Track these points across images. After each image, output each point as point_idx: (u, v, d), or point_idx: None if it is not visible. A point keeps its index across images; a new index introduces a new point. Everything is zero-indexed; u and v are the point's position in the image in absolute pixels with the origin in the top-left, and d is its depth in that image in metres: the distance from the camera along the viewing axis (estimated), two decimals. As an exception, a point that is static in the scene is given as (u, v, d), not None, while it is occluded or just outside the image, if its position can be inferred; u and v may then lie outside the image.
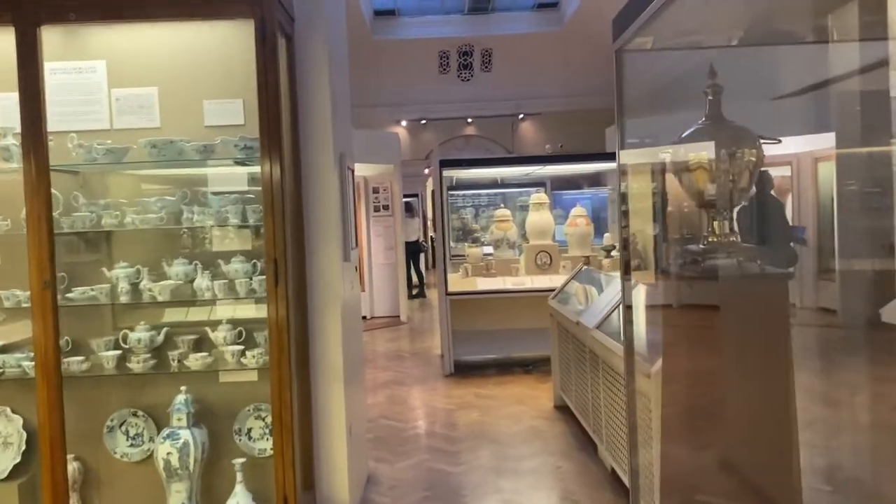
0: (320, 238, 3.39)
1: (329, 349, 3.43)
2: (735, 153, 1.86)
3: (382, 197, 10.76)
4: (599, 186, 13.94)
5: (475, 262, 7.05)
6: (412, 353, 8.10)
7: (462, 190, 13.96)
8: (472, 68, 20.30)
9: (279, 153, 2.98)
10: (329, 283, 3.41)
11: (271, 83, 2.96)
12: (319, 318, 3.40)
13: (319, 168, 3.38)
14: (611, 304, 4.04)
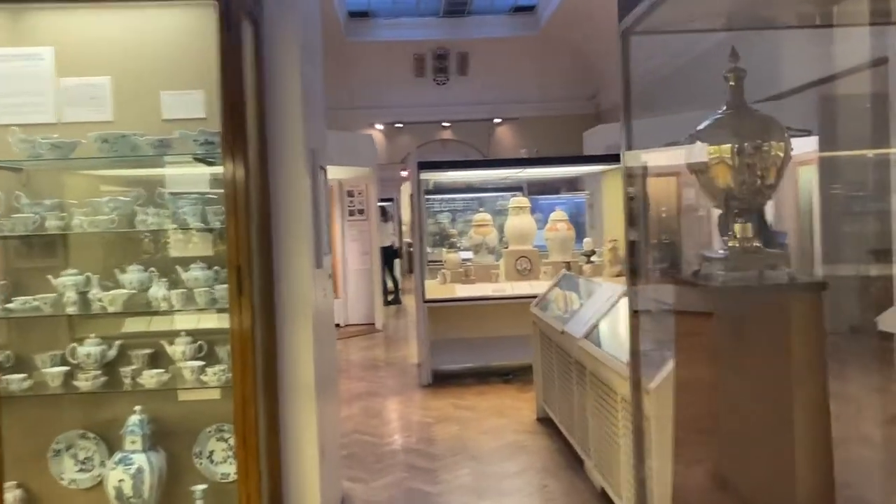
0: (290, 243, 3.12)
1: (299, 364, 3.15)
2: (761, 146, 1.64)
3: (357, 201, 10.48)
4: (576, 191, 13.82)
5: (454, 267, 6.80)
6: (388, 363, 7.82)
7: (438, 194, 13.73)
8: (447, 72, 20.10)
9: (243, 149, 2.71)
10: (299, 292, 3.14)
11: (235, 71, 2.69)
12: (289, 331, 3.13)
13: (289, 166, 3.11)
14: (598, 313, 3.82)
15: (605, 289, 4.03)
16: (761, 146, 1.66)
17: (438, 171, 6.66)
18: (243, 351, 2.72)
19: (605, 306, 3.80)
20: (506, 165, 6.95)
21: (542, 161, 7.33)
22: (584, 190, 10.87)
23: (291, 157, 3.13)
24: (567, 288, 5.13)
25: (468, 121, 20.14)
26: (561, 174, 10.08)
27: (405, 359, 7.98)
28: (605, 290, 4.02)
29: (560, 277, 5.27)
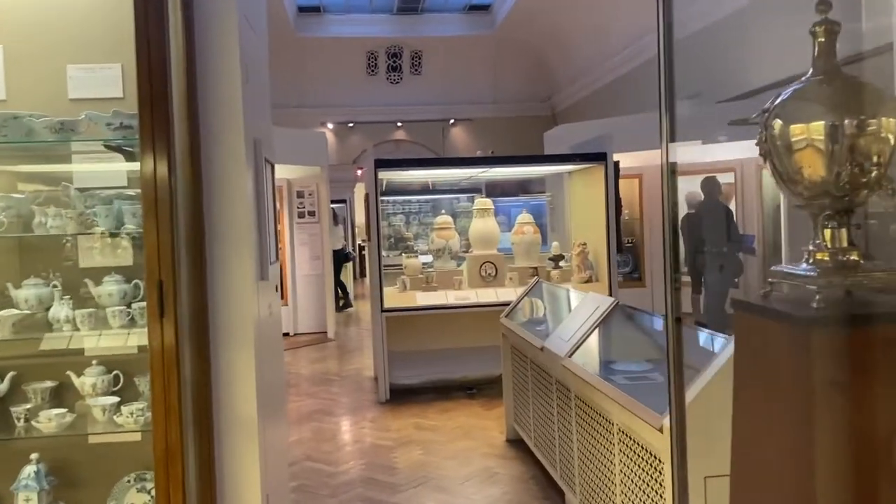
0: (227, 252, 2.58)
1: (238, 396, 2.62)
2: (866, 123, 1.21)
3: (308, 202, 9.89)
4: (536, 193, 13.47)
5: (414, 273, 6.31)
6: (341, 376, 7.28)
7: (392, 195, 13.20)
8: (401, 70, 19.59)
9: (166, 137, 2.18)
10: (239, 310, 2.61)
11: (156, 39, 2.16)
12: (226, 358, 2.59)
13: (226, 158, 2.58)
14: (585, 328, 3.38)
15: (590, 300, 3.60)
16: (866, 124, 1.22)
17: (397, 170, 6.17)
18: (167, 385, 2.19)
19: (591, 320, 3.36)
20: (469, 164, 6.49)
21: (510, 160, 6.90)
22: (544, 192, 10.51)
23: (229, 147, 2.60)
24: (542, 297, 4.70)
25: (422, 121, 19.67)
26: (522, 175, 9.66)
27: (360, 371, 7.45)
28: (589, 302, 3.58)
29: (532, 285, 4.84)
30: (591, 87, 16.41)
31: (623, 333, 3.45)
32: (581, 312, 3.56)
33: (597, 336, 3.30)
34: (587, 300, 3.63)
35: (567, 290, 4.44)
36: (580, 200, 6.84)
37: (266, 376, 2.86)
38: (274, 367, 3.20)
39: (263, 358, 2.82)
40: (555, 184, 9.57)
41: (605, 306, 3.34)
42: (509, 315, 4.76)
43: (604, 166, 6.11)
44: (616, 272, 6.19)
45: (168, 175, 2.16)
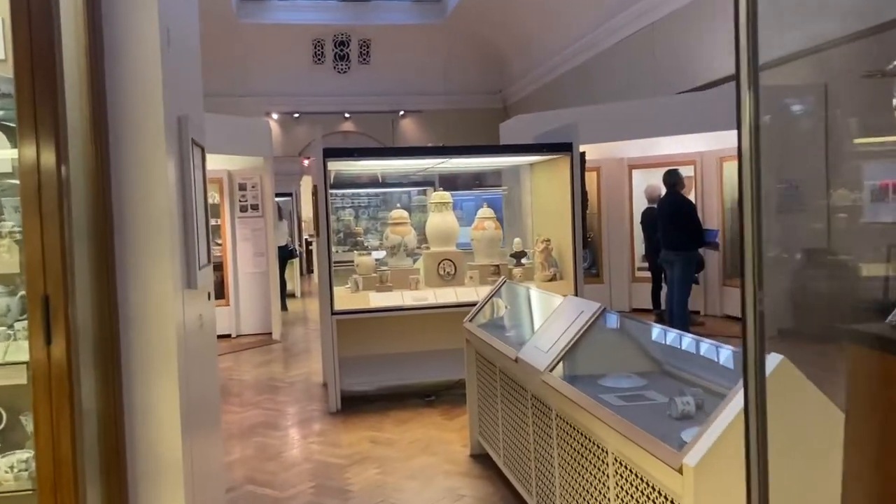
0: (142, 256, 2.09)
1: (159, 434, 2.13)
2: None
3: (251, 195, 9.28)
4: (490, 187, 13.09)
5: (366, 272, 5.84)
6: (288, 382, 6.76)
7: (340, 189, 12.66)
8: (349, 59, 18.98)
9: (52, 110, 1.67)
10: (157, 326, 2.12)
11: (38, -20, 1.65)
12: (142, 386, 2.10)
13: (140, 139, 2.08)
14: (567, 338, 2.98)
15: (571, 305, 3.20)
16: None
17: (348, 160, 5.68)
18: (55, 429, 1.69)
19: (574, 329, 2.96)
20: (426, 154, 6.02)
21: (470, 150, 6.45)
22: (499, 185, 10.14)
23: (145, 126, 2.10)
24: (510, 299, 4.29)
25: (371, 112, 19.10)
26: (478, 167, 9.25)
27: (308, 376, 6.94)
28: (570, 307, 3.19)
29: (499, 286, 4.43)
30: (545, 79, 16.13)
31: (609, 342, 3.07)
32: (561, 319, 3.16)
33: (580, 346, 2.91)
34: (568, 305, 3.24)
35: (539, 292, 4.04)
36: (543, 194, 6.47)
37: (196, 400, 2.38)
38: (205, 385, 2.71)
39: (192, 379, 2.34)
40: (511, 177, 9.21)
41: (591, 312, 2.95)
42: (474, 318, 4.34)
43: (569, 157, 5.75)
44: (582, 269, 5.84)
45: (56, 160, 1.66)
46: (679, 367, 2.94)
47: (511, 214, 8.05)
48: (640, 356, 3.06)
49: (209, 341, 2.86)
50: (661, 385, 2.77)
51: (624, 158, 9.76)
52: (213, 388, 3.01)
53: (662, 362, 3.03)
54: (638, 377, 2.86)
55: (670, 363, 3.01)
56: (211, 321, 2.85)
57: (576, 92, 13.67)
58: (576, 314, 3.07)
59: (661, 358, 3.04)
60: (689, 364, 2.94)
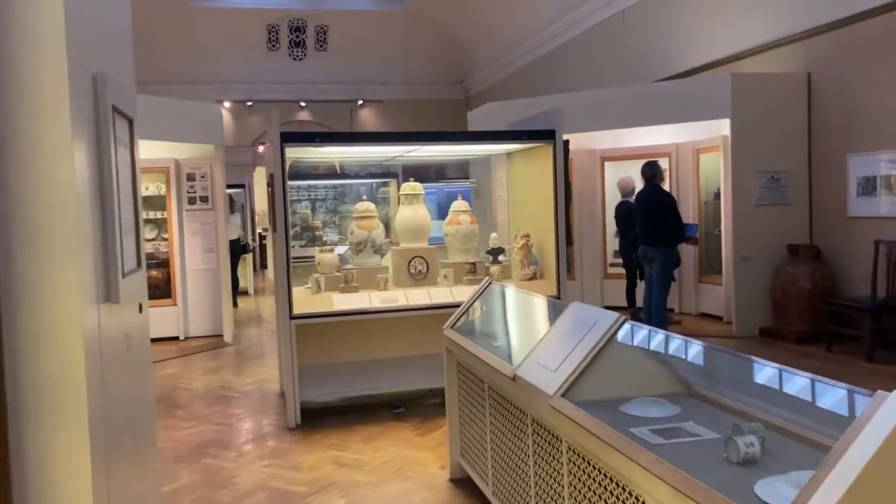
0: (34, 264, 1.52)
1: (60, 489, 1.57)
2: None
3: (200, 186, 8.60)
4: (456, 179, 12.57)
5: (329, 271, 5.28)
6: (242, 392, 6.15)
7: (297, 180, 11.97)
8: (305, 46, 18.22)
9: None
10: (58, 355, 1.55)
11: None
12: (36, 435, 1.54)
13: (30, 102, 1.51)
14: (579, 355, 2.49)
15: (581, 313, 2.71)
16: None
17: (308, 146, 5.09)
18: None
19: (588, 344, 2.48)
20: (396, 141, 5.45)
21: (445, 137, 5.87)
22: (467, 177, 9.66)
23: (39, 85, 1.53)
24: (498, 303, 3.79)
25: (328, 101, 18.40)
26: (447, 157, 8.73)
27: (264, 384, 6.35)
28: (579, 316, 2.69)
29: (484, 287, 3.91)
30: (509, 69, 15.66)
31: (626, 357, 2.60)
32: (569, 330, 2.67)
33: (596, 364, 2.42)
34: (576, 313, 2.74)
35: (533, 296, 3.54)
36: (520, 186, 5.99)
37: (119, 434, 1.82)
38: (135, 414, 2.14)
39: (116, 412, 1.78)
40: (481, 168, 8.71)
41: (607, 324, 2.46)
42: (455, 324, 3.83)
43: (552, 146, 5.27)
44: (565, 267, 5.38)
45: None
46: (713, 389, 2.48)
47: (481, 208, 7.56)
48: (664, 374, 2.60)
49: (140, 363, 2.29)
50: (698, 413, 2.31)
51: (596, 150, 9.36)
52: (146, 416, 2.44)
53: (691, 382, 2.57)
54: (667, 402, 2.39)
55: (700, 383, 2.55)
56: (142, 339, 2.28)
57: (543, 82, 13.23)
58: (587, 325, 2.58)
59: (689, 376, 2.58)
60: (724, 384, 2.49)
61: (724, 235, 8.05)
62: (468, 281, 5.35)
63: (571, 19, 12.01)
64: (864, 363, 6.16)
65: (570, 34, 12.24)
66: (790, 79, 7.47)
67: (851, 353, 6.45)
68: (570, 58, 12.34)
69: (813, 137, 7.47)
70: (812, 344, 6.88)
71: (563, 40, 12.57)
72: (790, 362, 6.09)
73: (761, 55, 7.82)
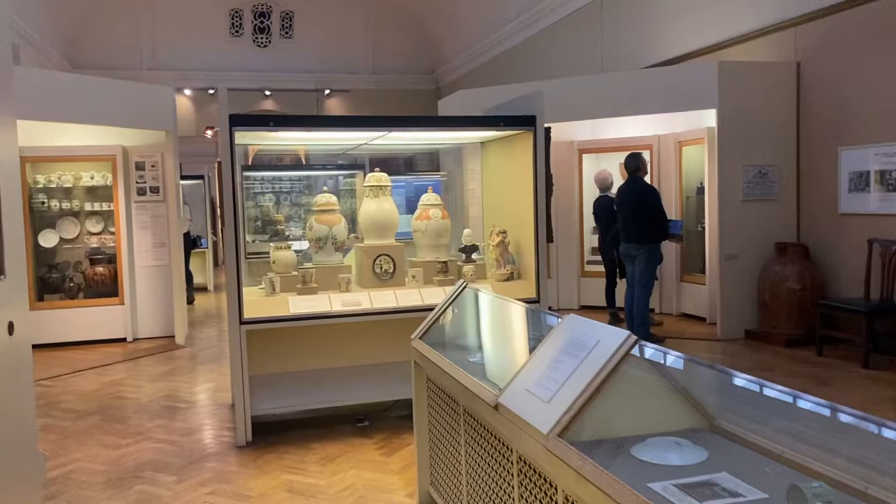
0: None
1: None
2: None
3: (150, 176, 7.98)
4: (424, 172, 12.05)
5: (285, 270, 4.75)
6: (190, 402, 5.59)
7: (259, 171, 11.32)
8: (269, 33, 17.54)
9: None
10: None
11: None
12: None
13: None
14: (580, 384, 2.02)
15: (575, 329, 2.23)
16: None
17: (260, 131, 4.53)
18: None
19: (590, 369, 2.00)
20: (361, 126, 4.87)
21: (417, 123, 5.34)
22: (436, 170, 9.17)
23: None
24: (475, 311, 3.31)
25: (294, 90, 17.74)
26: (415, 147, 8.24)
27: (216, 393, 5.80)
28: (575, 331, 2.22)
29: (458, 291, 3.42)
30: (481, 59, 15.17)
31: (631, 382, 2.13)
32: (565, 351, 2.19)
33: (612, 401, 1.95)
34: (570, 328, 2.27)
35: (516, 305, 3.06)
36: (496, 178, 5.52)
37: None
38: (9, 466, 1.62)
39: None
40: (453, 160, 8.22)
41: (616, 346, 1.99)
42: (425, 334, 3.33)
43: (532, 133, 4.80)
44: (545, 267, 4.92)
45: None
46: (739, 423, 2.03)
47: (452, 203, 7.08)
48: (677, 404, 2.14)
49: (19, 397, 1.77)
50: (729, 458, 1.85)
51: (574, 142, 8.92)
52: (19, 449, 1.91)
53: (712, 414, 2.11)
54: (689, 443, 1.93)
55: (723, 415, 2.10)
56: (24, 366, 1.75)
57: (516, 72, 12.76)
58: (587, 344, 2.11)
59: (708, 407, 2.13)
60: (752, 416, 2.04)
61: (707, 232, 7.68)
62: (439, 282, 4.87)
63: (547, 6, 11.56)
64: (858, 368, 5.82)
65: (546, 22, 11.79)
66: (779, 68, 7.10)
67: (844, 358, 6.11)
68: (545, 47, 11.90)
69: (802, 130, 7.12)
70: (801, 347, 6.54)
71: (538, 29, 12.12)
72: (780, 367, 5.68)
73: (748, 43, 7.44)
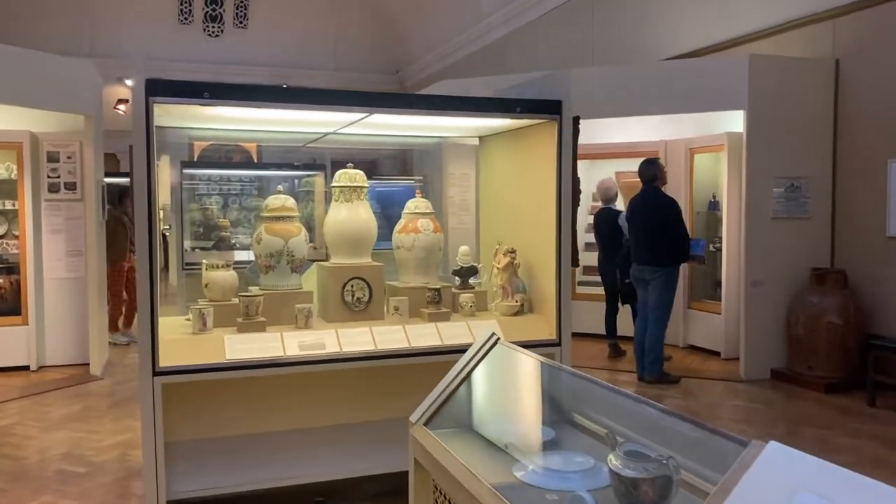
0: None
1: None
2: None
3: (65, 169, 6.59)
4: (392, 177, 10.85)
5: (221, 297, 3.48)
6: (93, 463, 4.26)
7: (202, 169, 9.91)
8: (222, 21, 16.14)
9: None
10: None
11: None
12: None
13: None
14: None
15: (789, 466, 1.08)
16: None
17: (187, 103, 3.24)
18: None
19: None
20: (331, 102, 3.50)
21: (405, 102, 4.07)
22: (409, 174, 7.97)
23: None
24: (514, 385, 2.12)
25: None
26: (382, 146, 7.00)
27: (130, 450, 4.48)
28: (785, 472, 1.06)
29: (485, 347, 2.21)
30: (456, 55, 14.01)
31: None
32: None
33: None
34: (778, 461, 1.11)
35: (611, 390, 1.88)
36: (498, 182, 4.35)
37: None
38: None
39: None
40: (427, 161, 7.00)
41: None
42: (433, 418, 2.12)
43: (557, 123, 3.66)
44: (569, 297, 3.76)
45: None
46: None
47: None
48: None
49: None
50: None
51: (568, 146, 7.81)
52: None
53: None
54: None
55: None
56: None
57: (495, 69, 11.65)
58: None
59: None
60: None
61: (725, 254, 6.65)
62: (430, 315, 3.67)
63: (518, 6, 10.49)
64: (926, 425, 4.81)
65: (531, 15, 10.70)
66: (815, 65, 6.12)
67: (903, 410, 5.09)
68: (529, 41, 10.81)
69: (839, 137, 6.14)
70: (844, 393, 5.52)
71: (522, 22, 11.04)
72: (832, 422, 4.35)
73: (780, 36, 6.45)
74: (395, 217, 4.05)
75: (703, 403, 5.46)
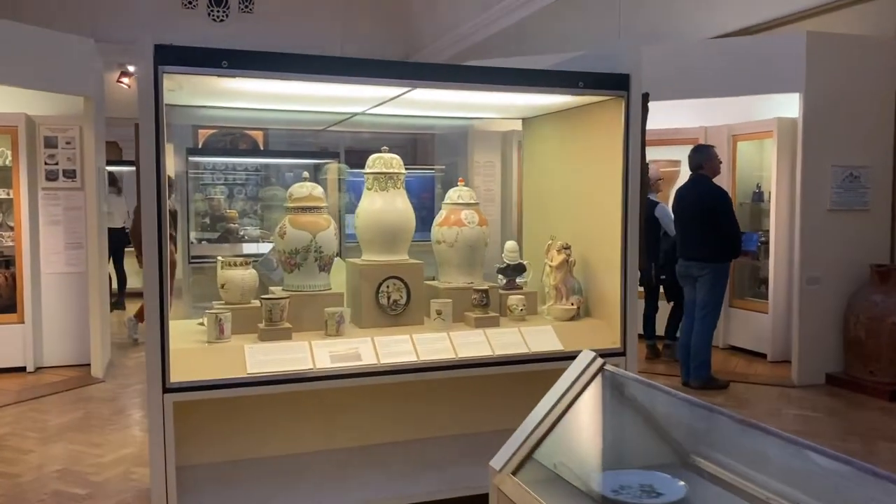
0: None
1: None
2: None
3: (64, 155, 6.13)
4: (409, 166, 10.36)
5: (240, 299, 3.03)
6: (93, 483, 3.82)
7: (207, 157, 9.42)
8: (227, 6, 15.59)
9: None
10: None
11: None
12: None
13: None
14: None
15: None
16: None
17: (204, 74, 2.78)
18: None
19: None
20: (376, 74, 2.95)
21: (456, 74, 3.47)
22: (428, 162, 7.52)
23: None
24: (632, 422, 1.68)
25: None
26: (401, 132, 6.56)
27: (134, 466, 4.04)
28: None
29: (585, 375, 1.77)
30: (466, 42, 13.48)
31: None
32: None
33: None
34: None
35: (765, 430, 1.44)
36: (547, 169, 3.89)
37: None
38: None
39: None
40: (452, 147, 6.58)
41: None
42: (522, 465, 1.68)
43: (624, 101, 3.20)
44: (635, 300, 3.30)
45: None
46: None
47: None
48: None
49: None
50: None
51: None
52: None
53: None
54: None
55: None
56: None
57: (515, 52, 11.15)
58: None
59: None
60: None
61: (773, 248, 6.18)
62: (476, 321, 3.22)
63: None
64: None
65: (537, 5, 10.19)
66: (875, 44, 5.63)
67: (983, 422, 4.64)
68: (532, 30, 10.30)
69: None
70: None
71: (527, 13, 10.54)
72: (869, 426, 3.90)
73: (835, 13, 5.95)
74: (415, 209, 3.53)
75: (757, 412, 5.02)
